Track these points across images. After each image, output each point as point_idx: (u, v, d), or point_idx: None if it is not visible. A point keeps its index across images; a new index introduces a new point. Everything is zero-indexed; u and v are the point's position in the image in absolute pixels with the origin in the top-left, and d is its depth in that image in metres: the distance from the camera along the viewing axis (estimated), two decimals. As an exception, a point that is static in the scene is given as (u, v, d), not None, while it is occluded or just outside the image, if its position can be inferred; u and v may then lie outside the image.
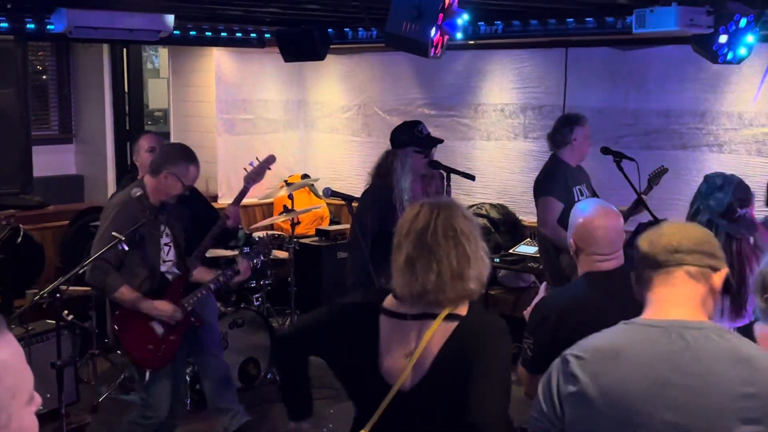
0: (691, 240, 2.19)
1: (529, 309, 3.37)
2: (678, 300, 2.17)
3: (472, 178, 5.36)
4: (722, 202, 3.76)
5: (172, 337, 4.59)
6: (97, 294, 6.35)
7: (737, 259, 3.73)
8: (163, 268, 4.62)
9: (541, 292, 3.50)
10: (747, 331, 2.62)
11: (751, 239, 3.84)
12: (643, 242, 2.24)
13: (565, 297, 3.27)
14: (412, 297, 2.51)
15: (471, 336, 2.49)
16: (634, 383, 2.08)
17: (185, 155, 4.60)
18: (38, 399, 1.49)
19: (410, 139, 5.02)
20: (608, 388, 2.09)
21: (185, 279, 4.74)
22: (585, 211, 3.32)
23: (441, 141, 5.24)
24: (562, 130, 5.78)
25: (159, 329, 4.56)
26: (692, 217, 3.87)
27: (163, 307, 4.54)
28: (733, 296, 3.72)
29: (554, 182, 5.70)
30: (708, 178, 3.91)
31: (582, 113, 5.94)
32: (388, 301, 2.61)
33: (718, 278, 2.20)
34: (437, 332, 2.49)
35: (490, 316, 2.61)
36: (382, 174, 4.98)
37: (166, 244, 4.63)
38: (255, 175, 5.33)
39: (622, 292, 2.90)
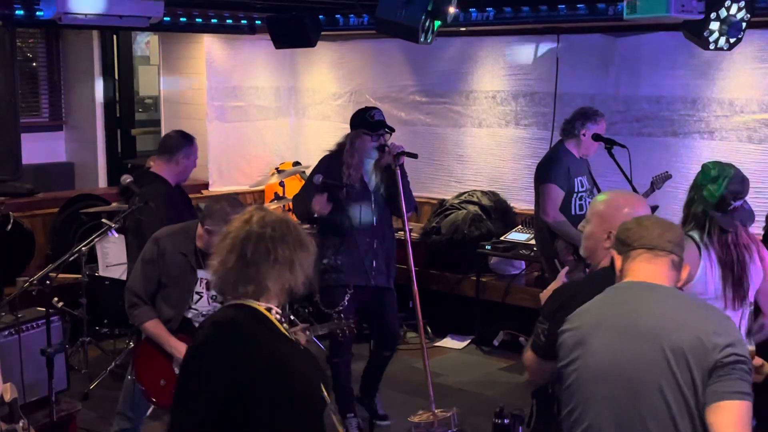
0: (676, 235, 2.69)
1: (546, 293, 3.29)
2: (656, 277, 2.62)
3: (415, 156, 5.44)
4: (714, 195, 3.74)
5: None
6: (87, 281, 6.36)
7: (735, 250, 3.73)
8: (189, 315, 4.41)
9: (560, 278, 3.41)
10: None
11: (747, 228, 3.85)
12: (638, 224, 2.69)
13: (587, 287, 3.03)
14: (212, 282, 2.66)
15: (218, 343, 2.54)
16: (590, 318, 2.63)
17: (225, 216, 4.16)
18: None
19: (361, 122, 5.41)
20: (580, 336, 2.62)
21: None
22: (621, 197, 3.27)
23: (390, 127, 5.46)
24: (574, 121, 5.74)
25: (178, 369, 4.36)
26: (687, 206, 3.87)
27: (184, 350, 4.18)
28: (734, 286, 3.74)
29: (557, 170, 5.67)
30: (703, 168, 3.88)
31: (588, 106, 5.93)
32: None
33: (685, 272, 2.70)
34: None
35: (251, 322, 2.58)
36: (336, 152, 5.46)
37: (197, 292, 4.42)
38: None
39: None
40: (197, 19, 7.62)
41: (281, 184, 7.21)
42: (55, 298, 5.35)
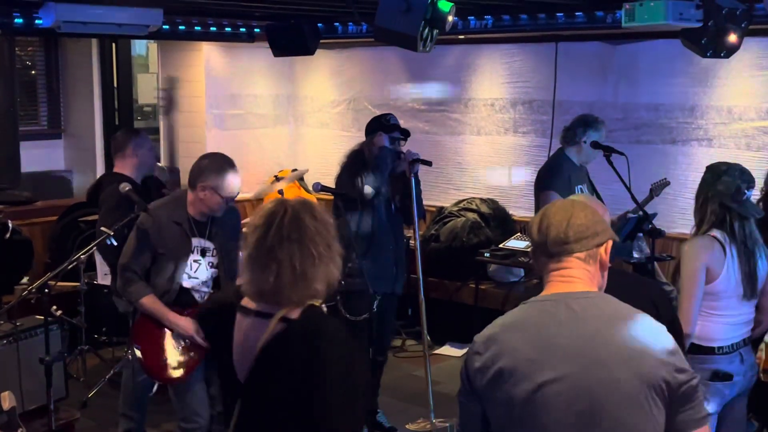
0: (577, 228, 2.30)
1: None
2: (570, 279, 2.31)
3: (429, 163, 5.46)
4: (730, 186, 3.83)
5: (192, 353, 4.35)
6: (86, 290, 6.35)
7: (750, 240, 3.82)
8: (187, 284, 4.38)
9: None
10: None
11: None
12: (534, 231, 2.36)
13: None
14: (251, 295, 2.55)
15: (296, 342, 2.47)
16: (528, 348, 2.23)
17: (218, 167, 4.37)
18: None
19: (377, 126, 5.47)
20: (509, 357, 2.25)
21: None
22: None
23: (405, 131, 5.50)
24: (575, 128, 5.72)
25: (179, 344, 4.35)
26: (701, 208, 3.92)
27: (184, 324, 4.30)
28: (748, 277, 3.81)
29: (558, 177, 5.65)
30: (710, 167, 3.98)
31: (589, 113, 5.92)
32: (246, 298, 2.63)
33: (604, 251, 2.35)
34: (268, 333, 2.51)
35: (324, 321, 2.54)
36: (352, 163, 5.41)
37: (195, 261, 4.38)
38: None
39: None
40: (196, 27, 7.64)
41: (280, 192, 7.19)
42: (54, 307, 5.33)
